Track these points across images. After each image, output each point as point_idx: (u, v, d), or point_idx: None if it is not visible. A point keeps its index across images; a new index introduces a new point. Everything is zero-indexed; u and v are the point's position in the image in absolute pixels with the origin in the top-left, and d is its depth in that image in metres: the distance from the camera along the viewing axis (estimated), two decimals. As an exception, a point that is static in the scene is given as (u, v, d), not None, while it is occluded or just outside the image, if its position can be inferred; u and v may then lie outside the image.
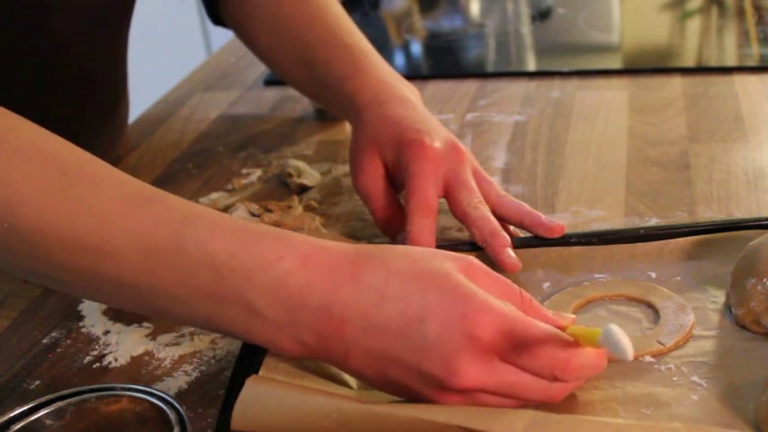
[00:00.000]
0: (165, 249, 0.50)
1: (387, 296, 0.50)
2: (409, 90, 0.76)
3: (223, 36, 1.10)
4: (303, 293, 0.50)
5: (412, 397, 0.51)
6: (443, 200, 0.68)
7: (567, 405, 0.52)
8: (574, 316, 0.55)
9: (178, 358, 0.61)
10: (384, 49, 1.10)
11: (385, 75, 0.77)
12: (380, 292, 0.50)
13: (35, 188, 0.50)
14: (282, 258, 0.50)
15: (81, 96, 0.82)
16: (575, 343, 0.49)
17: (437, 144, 0.68)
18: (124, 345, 0.63)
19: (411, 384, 0.50)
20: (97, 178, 0.52)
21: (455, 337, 0.48)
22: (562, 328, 0.51)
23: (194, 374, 0.60)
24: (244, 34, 0.90)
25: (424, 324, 0.49)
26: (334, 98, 0.79)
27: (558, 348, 0.49)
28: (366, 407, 0.49)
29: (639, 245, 0.66)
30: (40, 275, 0.54)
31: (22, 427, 0.49)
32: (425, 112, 0.74)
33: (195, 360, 0.61)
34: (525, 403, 0.51)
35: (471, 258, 0.53)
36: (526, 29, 1.22)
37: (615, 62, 1.09)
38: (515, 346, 0.49)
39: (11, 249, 0.52)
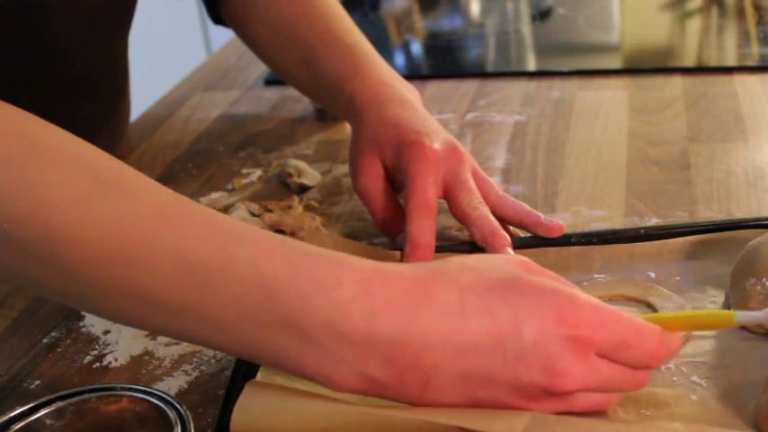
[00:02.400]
0: (211, 266, 0.46)
1: (468, 313, 0.46)
2: (409, 91, 0.76)
3: (223, 36, 1.10)
4: (369, 324, 0.45)
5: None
6: (443, 200, 0.68)
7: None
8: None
9: (178, 358, 0.61)
10: (384, 49, 1.10)
11: (385, 75, 0.77)
12: (459, 310, 0.46)
13: (69, 194, 0.47)
14: (341, 284, 0.46)
15: (81, 98, 0.82)
16: (659, 329, 0.49)
17: (436, 145, 0.68)
18: (124, 344, 0.63)
19: (503, 399, 0.47)
20: (137, 188, 0.49)
21: (555, 339, 0.46)
22: None
23: (194, 374, 0.60)
24: (244, 34, 0.90)
25: (519, 332, 0.46)
26: (334, 99, 0.79)
27: (650, 337, 0.48)
28: (366, 409, 0.49)
29: (639, 245, 0.66)
30: (64, 293, 0.49)
31: (22, 427, 0.49)
32: (425, 113, 0.74)
33: (195, 360, 0.61)
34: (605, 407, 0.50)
35: (522, 257, 0.51)
36: (526, 29, 1.22)
37: (615, 62, 1.09)
38: (612, 340, 0.47)
39: (39, 261, 0.47)
